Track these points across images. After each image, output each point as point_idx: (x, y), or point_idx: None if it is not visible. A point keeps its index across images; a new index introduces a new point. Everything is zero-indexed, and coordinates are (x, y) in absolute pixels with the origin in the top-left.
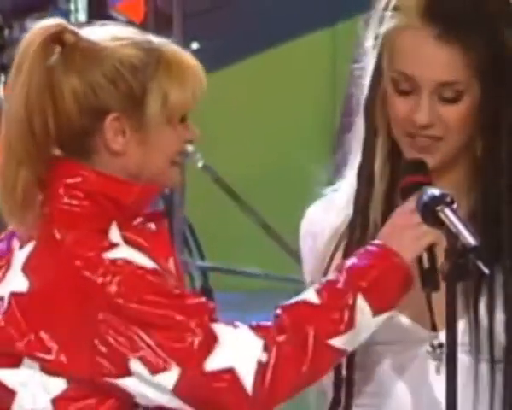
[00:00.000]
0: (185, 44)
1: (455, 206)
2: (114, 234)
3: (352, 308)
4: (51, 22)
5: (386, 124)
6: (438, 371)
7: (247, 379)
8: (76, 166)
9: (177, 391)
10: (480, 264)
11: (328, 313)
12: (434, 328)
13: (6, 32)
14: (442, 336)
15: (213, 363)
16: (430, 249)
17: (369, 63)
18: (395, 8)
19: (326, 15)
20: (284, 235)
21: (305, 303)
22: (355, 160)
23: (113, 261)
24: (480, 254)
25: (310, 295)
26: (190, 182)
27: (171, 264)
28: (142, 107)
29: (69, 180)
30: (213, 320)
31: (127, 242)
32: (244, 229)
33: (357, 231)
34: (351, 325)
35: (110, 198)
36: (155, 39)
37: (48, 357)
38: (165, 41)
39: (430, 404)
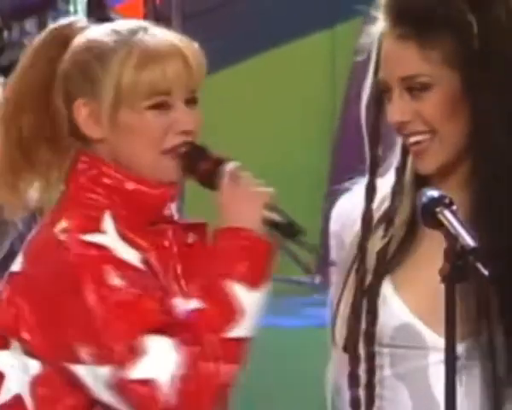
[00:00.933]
0: None
1: (454, 207)
2: (106, 222)
3: (232, 296)
4: (57, 24)
5: None
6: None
7: (166, 391)
8: (97, 159)
9: (113, 387)
10: (480, 266)
11: (215, 311)
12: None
13: (5, 33)
14: (459, 348)
15: (136, 372)
16: (270, 206)
17: (368, 76)
18: (381, 15)
19: (325, 17)
20: None
21: (195, 312)
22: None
23: (87, 243)
24: (480, 255)
25: (194, 303)
26: (189, 182)
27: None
28: (118, 94)
29: (91, 172)
30: (151, 330)
31: (118, 232)
32: None
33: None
34: (237, 311)
35: (123, 194)
36: (146, 30)
37: (23, 335)
38: (159, 32)
39: None
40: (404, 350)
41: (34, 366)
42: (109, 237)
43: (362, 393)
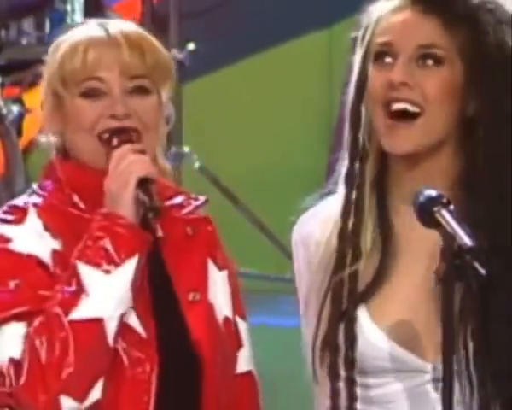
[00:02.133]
0: (181, 45)
1: (451, 207)
2: (31, 216)
3: (76, 276)
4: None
5: (375, 143)
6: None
7: (8, 376)
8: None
9: None
10: (477, 265)
11: (60, 296)
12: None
13: (2, 33)
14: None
15: None
16: (141, 185)
17: (355, 64)
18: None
19: (323, 16)
20: (281, 236)
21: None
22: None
23: None
24: (477, 254)
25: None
26: (186, 183)
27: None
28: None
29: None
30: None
31: (45, 225)
32: (240, 229)
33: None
34: (80, 292)
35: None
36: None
37: None
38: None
39: None
40: (389, 375)
41: None
42: (20, 228)
43: None
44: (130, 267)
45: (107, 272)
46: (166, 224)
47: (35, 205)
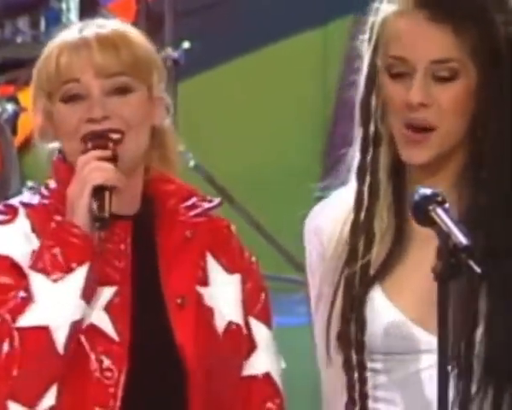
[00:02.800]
0: (176, 44)
1: (446, 205)
2: (20, 218)
3: (28, 284)
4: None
5: (387, 131)
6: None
7: None
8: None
9: None
10: (472, 263)
11: (13, 302)
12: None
13: None
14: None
15: None
16: (96, 194)
17: (364, 59)
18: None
19: (317, 15)
20: (276, 235)
21: None
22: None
23: None
24: (472, 253)
25: None
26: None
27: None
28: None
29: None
30: None
31: (33, 228)
32: (236, 229)
33: (361, 238)
34: (29, 299)
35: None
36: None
37: None
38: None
39: None
40: (406, 355)
41: None
42: (15, 227)
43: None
44: (79, 276)
45: (55, 280)
46: (166, 228)
47: (26, 205)
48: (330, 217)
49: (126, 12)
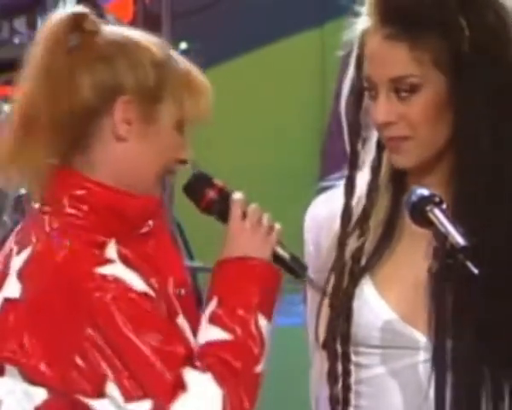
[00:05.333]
0: (174, 44)
1: (444, 206)
2: (111, 250)
3: (260, 329)
4: (72, 9)
5: None
6: None
7: None
8: (81, 177)
9: None
10: (469, 264)
11: (248, 344)
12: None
13: None
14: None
15: (178, 409)
16: (279, 242)
17: (349, 72)
18: (366, 12)
19: (314, 15)
20: None
21: (223, 343)
22: (367, 158)
23: (104, 277)
24: (469, 254)
25: (216, 332)
26: (179, 181)
27: (170, 280)
28: (155, 101)
29: (74, 192)
30: (186, 364)
31: (123, 259)
32: None
33: (358, 232)
34: (264, 346)
35: (115, 212)
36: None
37: (26, 362)
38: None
39: None
40: (390, 350)
41: (39, 395)
42: (117, 265)
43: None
44: None
45: (271, 321)
46: (160, 219)
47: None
48: (330, 209)
49: (124, 12)
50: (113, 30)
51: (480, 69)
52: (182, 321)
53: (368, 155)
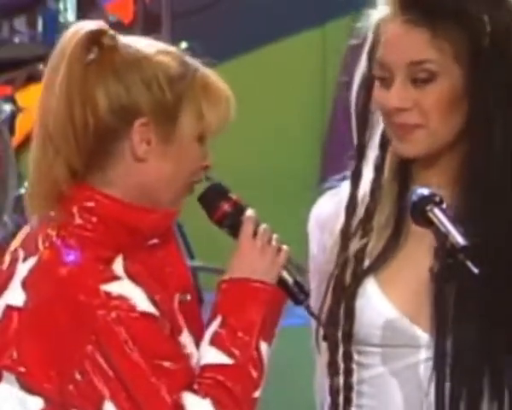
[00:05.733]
0: (174, 44)
1: (444, 205)
2: (118, 265)
3: (261, 353)
4: (91, 24)
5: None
6: None
7: None
8: (92, 190)
9: None
10: (470, 264)
11: (247, 369)
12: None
13: None
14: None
15: None
16: (285, 265)
17: (360, 63)
18: (383, 2)
19: (316, 15)
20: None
21: (223, 367)
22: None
23: (109, 294)
24: (470, 253)
25: (216, 355)
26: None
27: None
28: (174, 118)
29: (85, 203)
30: (186, 388)
31: (129, 275)
32: None
33: (360, 232)
34: (263, 370)
35: (126, 225)
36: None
37: (25, 372)
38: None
39: None
40: (392, 348)
41: (35, 404)
42: (123, 282)
43: (341, 394)
44: None
45: (270, 345)
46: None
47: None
48: (334, 208)
49: (124, 12)
50: (129, 45)
51: (498, 66)
52: (185, 338)
53: (371, 154)
